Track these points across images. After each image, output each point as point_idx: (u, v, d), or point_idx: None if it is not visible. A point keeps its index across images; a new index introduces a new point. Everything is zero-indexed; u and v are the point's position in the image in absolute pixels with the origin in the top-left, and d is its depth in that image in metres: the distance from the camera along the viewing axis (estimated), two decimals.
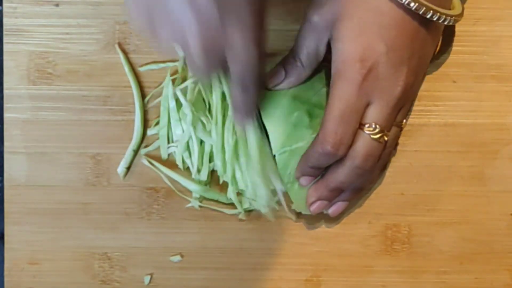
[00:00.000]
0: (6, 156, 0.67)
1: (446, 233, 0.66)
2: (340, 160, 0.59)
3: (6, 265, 0.67)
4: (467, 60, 0.67)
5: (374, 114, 0.58)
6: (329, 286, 0.67)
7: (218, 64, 0.53)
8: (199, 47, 0.51)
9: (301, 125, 0.62)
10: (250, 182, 0.63)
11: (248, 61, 0.52)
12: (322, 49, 0.60)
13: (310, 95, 0.62)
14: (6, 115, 0.67)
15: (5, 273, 0.67)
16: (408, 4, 0.56)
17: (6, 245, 0.67)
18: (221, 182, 0.65)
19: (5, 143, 0.67)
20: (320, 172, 0.62)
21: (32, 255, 0.67)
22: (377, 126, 0.58)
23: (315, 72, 0.63)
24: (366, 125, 0.58)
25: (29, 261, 0.67)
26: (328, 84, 0.63)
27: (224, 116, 0.63)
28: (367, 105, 0.58)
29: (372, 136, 0.58)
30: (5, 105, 0.67)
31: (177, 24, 0.51)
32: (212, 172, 0.66)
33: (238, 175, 0.64)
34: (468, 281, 0.66)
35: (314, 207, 0.63)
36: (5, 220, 0.67)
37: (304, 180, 0.62)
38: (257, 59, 0.53)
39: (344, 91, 0.57)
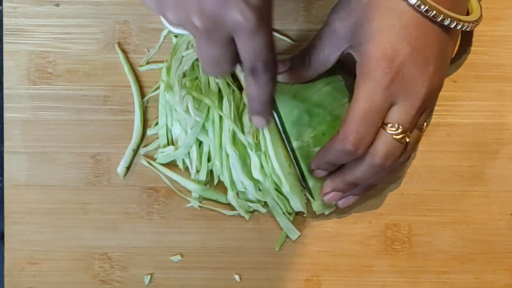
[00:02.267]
0: (6, 156, 0.67)
1: (446, 233, 0.66)
2: (359, 157, 0.59)
3: (6, 265, 0.67)
4: (467, 60, 0.67)
5: (398, 115, 0.58)
6: (329, 286, 0.67)
7: (226, 49, 0.51)
8: (203, 25, 0.49)
9: (300, 123, 0.62)
10: (248, 183, 0.64)
11: (258, 41, 0.50)
12: (334, 56, 0.60)
13: (311, 94, 0.62)
14: (6, 115, 0.67)
15: (5, 273, 0.67)
16: (427, 11, 0.56)
17: (6, 245, 0.67)
18: (216, 181, 0.65)
19: (5, 143, 0.67)
20: (335, 167, 0.61)
21: (32, 255, 0.67)
22: (400, 126, 0.58)
23: None
24: (389, 125, 0.58)
25: (29, 261, 0.67)
26: (329, 83, 0.63)
27: (221, 117, 0.63)
28: (391, 105, 0.58)
29: (394, 136, 0.58)
30: (5, 105, 0.67)
31: (182, 4, 0.49)
32: (211, 172, 0.66)
33: (235, 177, 0.64)
34: (468, 281, 0.66)
35: (328, 197, 0.63)
36: (5, 220, 0.67)
37: (318, 173, 0.62)
38: (268, 40, 0.51)
39: (369, 92, 0.57)
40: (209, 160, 0.65)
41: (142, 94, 0.67)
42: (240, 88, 0.65)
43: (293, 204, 0.64)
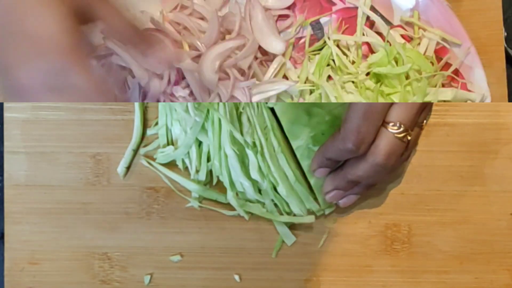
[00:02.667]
0: (6, 156, 0.67)
1: (446, 233, 0.66)
2: (361, 155, 0.59)
3: (6, 265, 0.67)
4: None
5: (399, 113, 0.58)
6: (329, 286, 0.67)
7: None
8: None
9: (299, 123, 0.62)
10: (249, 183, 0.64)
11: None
12: None
13: None
14: (6, 115, 0.67)
15: (5, 273, 0.67)
16: None
17: (6, 245, 0.67)
18: (215, 181, 0.65)
19: (5, 143, 0.67)
20: (336, 164, 0.61)
21: (32, 255, 0.67)
22: (402, 125, 0.58)
23: None
24: (391, 124, 0.58)
25: (29, 261, 0.67)
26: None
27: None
28: (392, 104, 0.58)
29: (396, 135, 0.58)
30: (5, 105, 0.67)
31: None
32: (211, 172, 0.66)
33: (234, 177, 0.64)
34: (468, 281, 0.66)
35: (329, 196, 0.63)
36: (5, 220, 0.67)
37: (319, 172, 0.62)
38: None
39: None
40: (208, 160, 0.65)
41: None
42: None
43: (292, 207, 0.64)
